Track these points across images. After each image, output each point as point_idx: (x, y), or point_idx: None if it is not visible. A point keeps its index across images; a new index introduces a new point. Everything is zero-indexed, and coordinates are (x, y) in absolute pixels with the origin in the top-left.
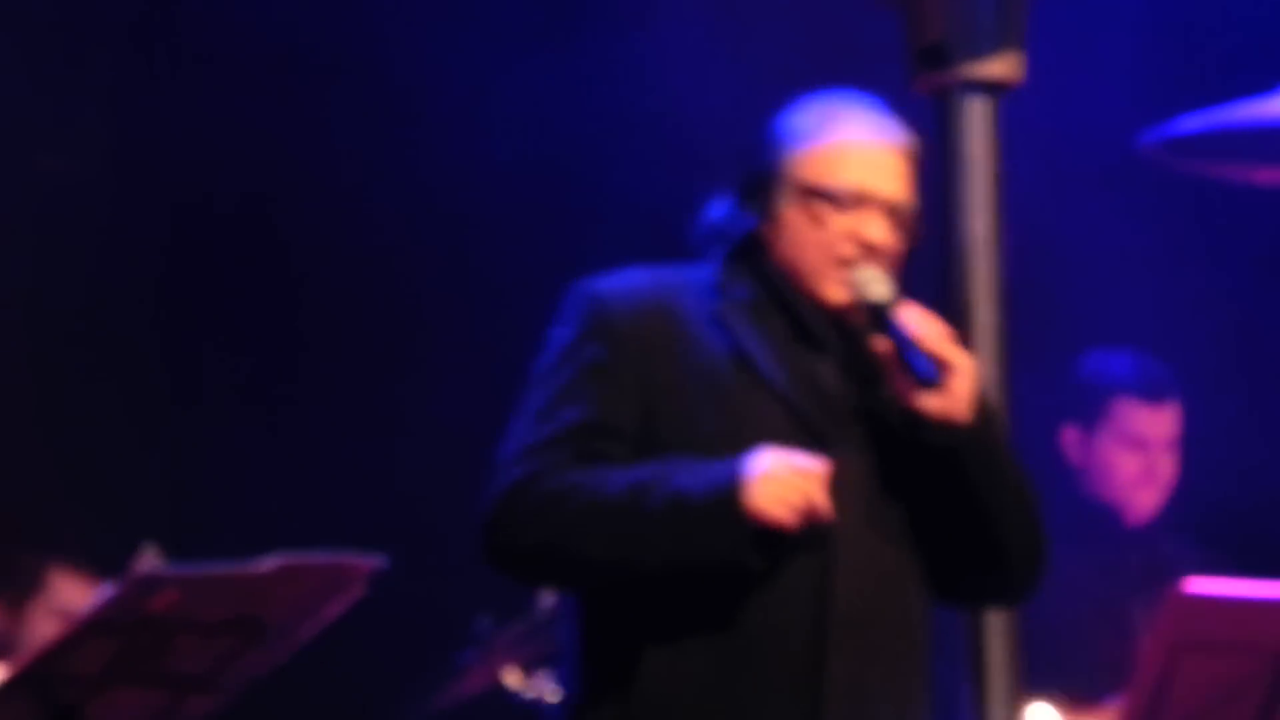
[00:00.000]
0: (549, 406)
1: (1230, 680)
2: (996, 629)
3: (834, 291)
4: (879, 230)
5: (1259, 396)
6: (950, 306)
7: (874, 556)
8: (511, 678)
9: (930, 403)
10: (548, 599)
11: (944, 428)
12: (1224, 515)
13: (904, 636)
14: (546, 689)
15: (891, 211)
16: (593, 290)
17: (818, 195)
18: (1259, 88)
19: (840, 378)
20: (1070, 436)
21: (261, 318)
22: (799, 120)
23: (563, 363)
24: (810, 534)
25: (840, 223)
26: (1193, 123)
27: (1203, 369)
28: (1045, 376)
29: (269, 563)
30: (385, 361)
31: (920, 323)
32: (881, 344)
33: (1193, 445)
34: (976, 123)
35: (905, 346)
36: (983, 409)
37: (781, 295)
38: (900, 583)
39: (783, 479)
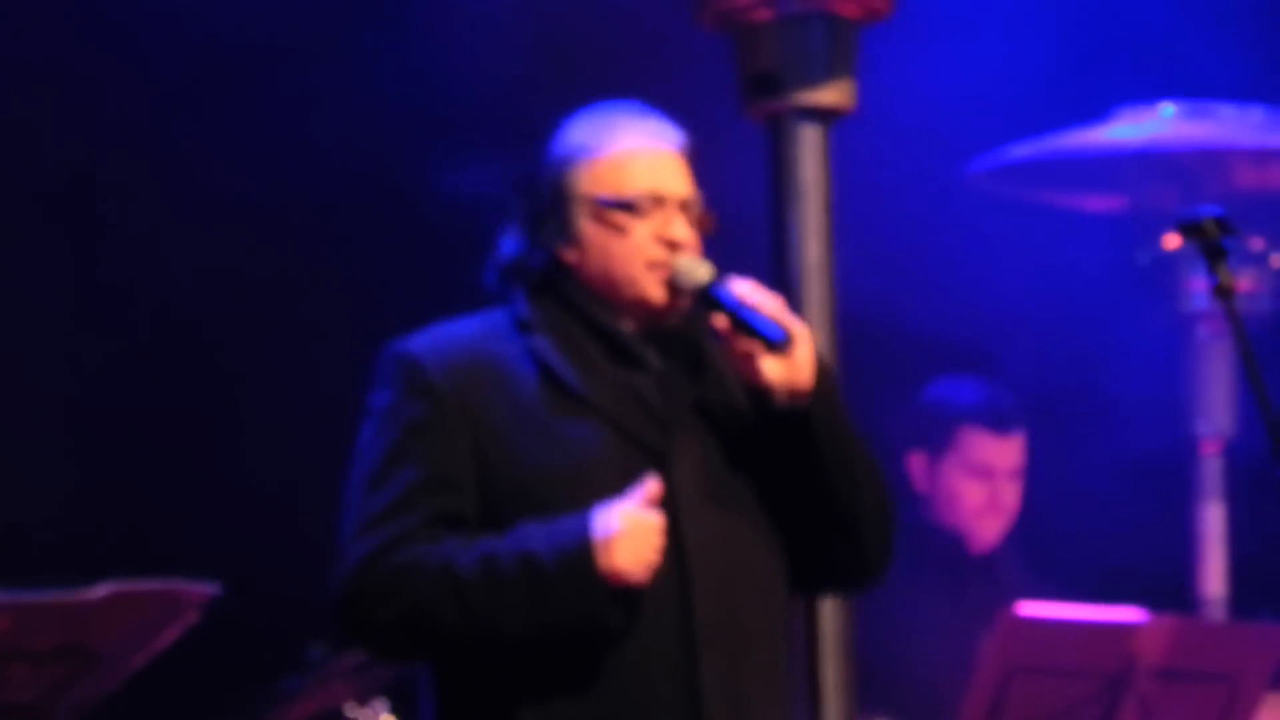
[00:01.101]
0: (382, 471)
1: (1062, 702)
2: (831, 653)
3: (654, 292)
4: (680, 227)
5: (1090, 422)
6: None
7: (730, 564)
8: (347, 705)
9: (774, 372)
10: None
11: (790, 395)
12: (1061, 542)
13: (769, 637)
14: (381, 717)
15: (685, 207)
16: (404, 350)
17: (615, 206)
18: (1087, 117)
19: (664, 389)
20: (916, 463)
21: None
22: (574, 137)
23: (386, 427)
24: (664, 570)
25: (643, 228)
26: (1021, 151)
27: (1036, 394)
28: (883, 402)
29: (100, 590)
30: (210, 378)
31: (753, 292)
32: (719, 320)
33: (1031, 472)
34: (809, 150)
35: (746, 314)
36: (824, 375)
37: (590, 317)
38: (759, 584)
39: (636, 535)
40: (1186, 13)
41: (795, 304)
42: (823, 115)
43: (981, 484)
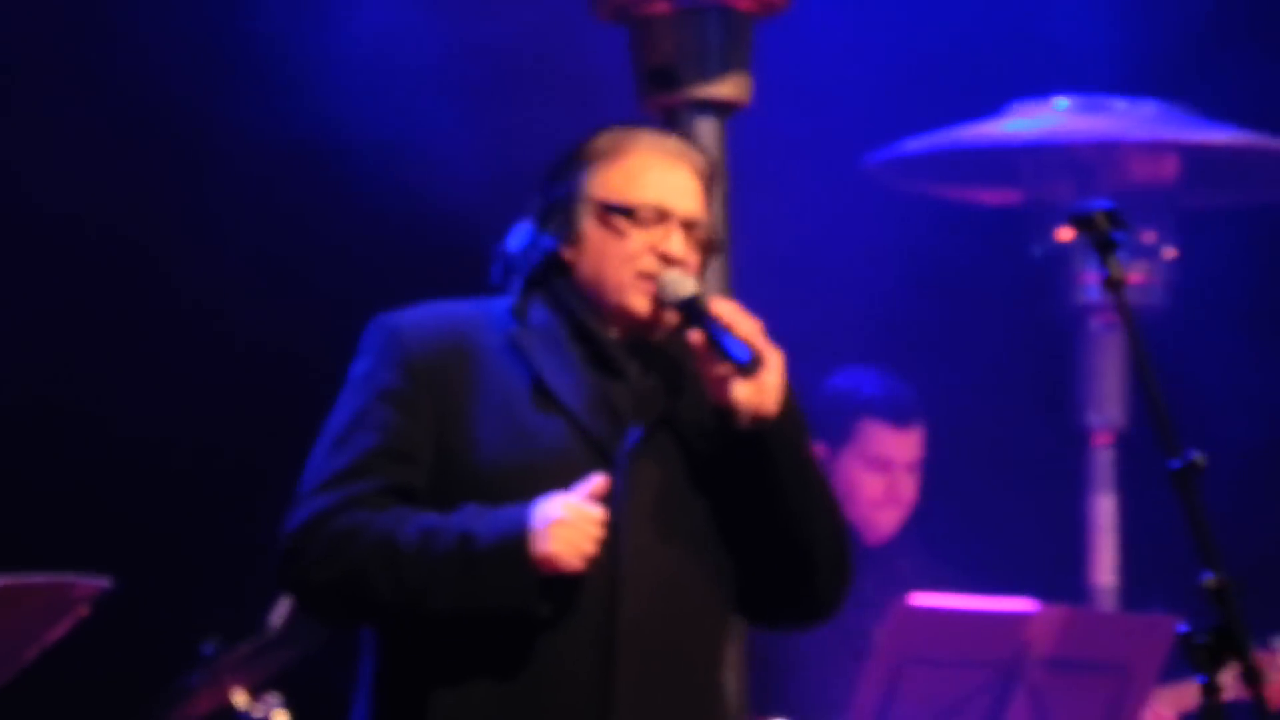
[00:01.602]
0: (346, 434)
1: (954, 692)
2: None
3: (638, 302)
4: (678, 244)
5: (983, 414)
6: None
7: (667, 577)
8: (239, 698)
9: (741, 394)
10: (276, 619)
11: (754, 419)
12: (955, 534)
13: (697, 656)
14: (274, 709)
15: (689, 227)
16: (390, 323)
17: (618, 211)
18: (982, 111)
19: (637, 400)
20: (816, 454)
21: None
22: (597, 143)
23: (359, 392)
24: (598, 568)
25: (641, 237)
26: (918, 144)
27: (931, 386)
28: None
29: None
30: (98, 363)
31: (732, 314)
32: (695, 336)
33: (927, 464)
34: (705, 142)
35: (720, 334)
36: (790, 405)
37: (577, 319)
38: (694, 602)
39: (573, 524)
40: (1080, 7)
41: None
42: (719, 108)
43: (880, 476)
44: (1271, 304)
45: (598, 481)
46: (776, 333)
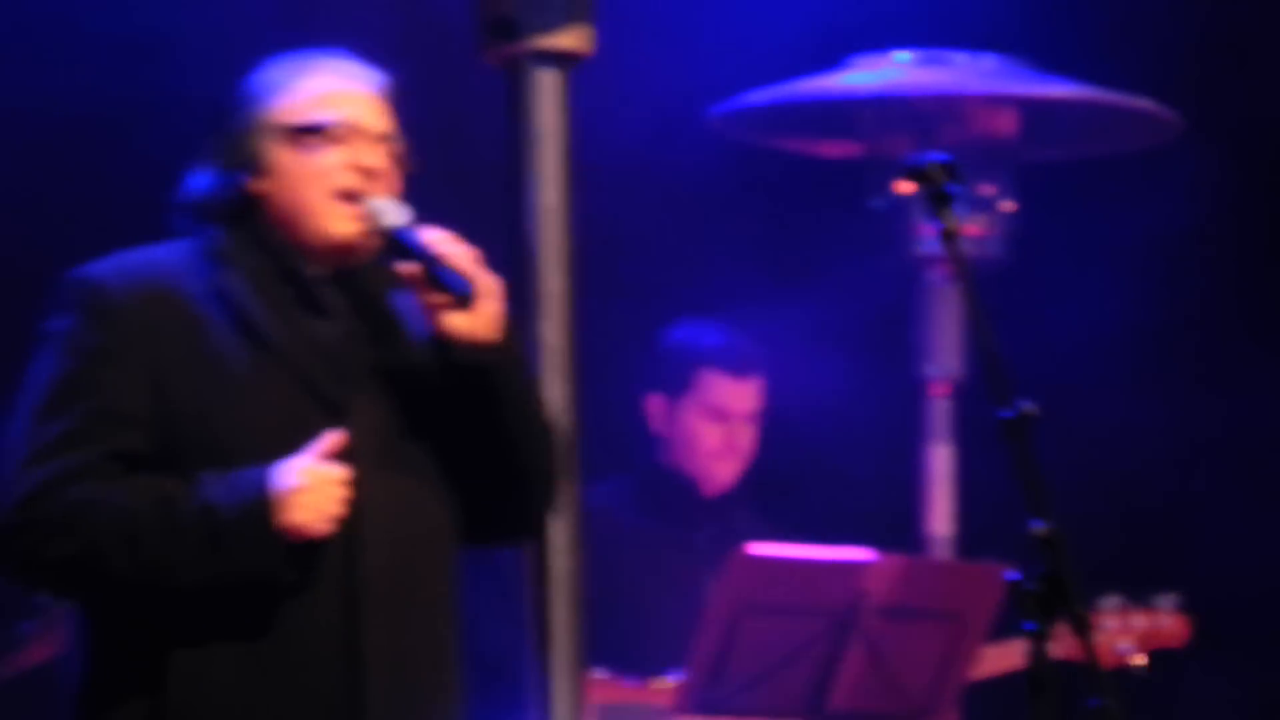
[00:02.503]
0: (56, 401)
1: (791, 641)
2: (561, 595)
3: (341, 226)
4: (375, 157)
5: (821, 364)
6: (521, 275)
7: (402, 522)
8: None
9: (459, 322)
10: None
11: (474, 347)
12: (793, 485)
13: (438, 596)
14: None
15: (382, 141)
16: (86, 277)
17: (309, 130)
18: (823, 63)
19: (349, 339)
20: (654, 405)
21: None
22: (275, 74)
23: (63, 354)
24: (340, 528)
25: (335, 153)
26: (760, 96)
27: (771, 336)
28: (619, 345)
29: None
30: None
31: (445, 242)
32: (408, 268)
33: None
34: (547, 94)
35: (434, 265)
36: (508, 330)
37: (280, 259)
38: (431, 542)
39: (315, 489)
40: None
41: (532, 248)
42: (560, 60)
43: (718, 426)
44: (1109, 257)
45: (330, 439)
46: (619, 283)
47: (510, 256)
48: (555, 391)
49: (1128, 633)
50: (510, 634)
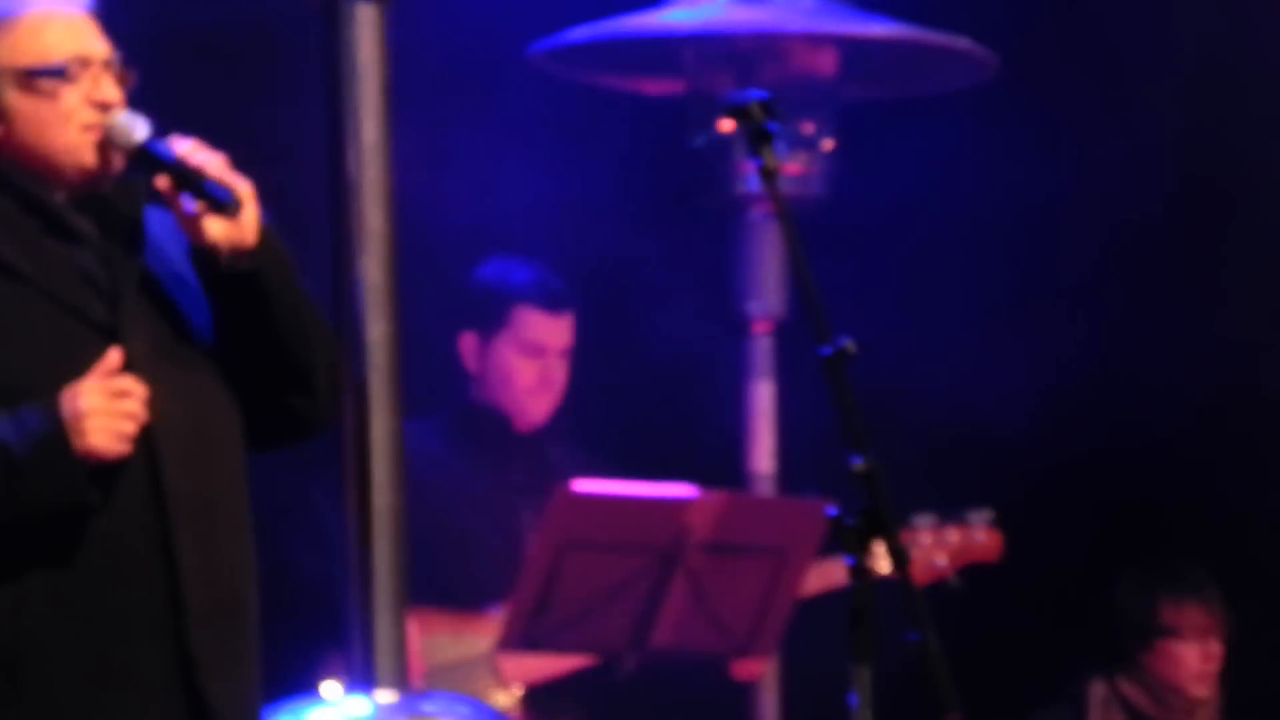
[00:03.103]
0: None
1: (615, 577)
2: (383, 530)
3: (90, 157)
4: (110, 88)
5: (644, 302)
6: (340, 211)
7: (194, 433)
8: None
9: (218, 231)
10: None
11: (236, 254)
12: (612, 422)
13: (237, 503)
14: None
15: (108, 66)
16: None
17: (45, 74)
18: (646, 1)
19: (106, 261)
20: (468, 343)
21: None
22: None
23: None
24: (137, 445)
25: (73, 92)
26: (581, 33)
27: (590, 274)
28: (439, 282)
29: None
30: None
31: (195, 152)
32: (161, 181)
33: (588, 354)
34: (365, 29)
35: (191, 176)
36: (268, 234)
37: (20, 191)
38: (223, 450)
39: (107, 409)
40: None
41: (353, 184)
42: None
43: (533, 362)
44: (928, 195)
45: (109, 358)
46: (435, 221)
47: (331, 193)
48: (377, 329)
49: (942, 548)
50: (329, 565)
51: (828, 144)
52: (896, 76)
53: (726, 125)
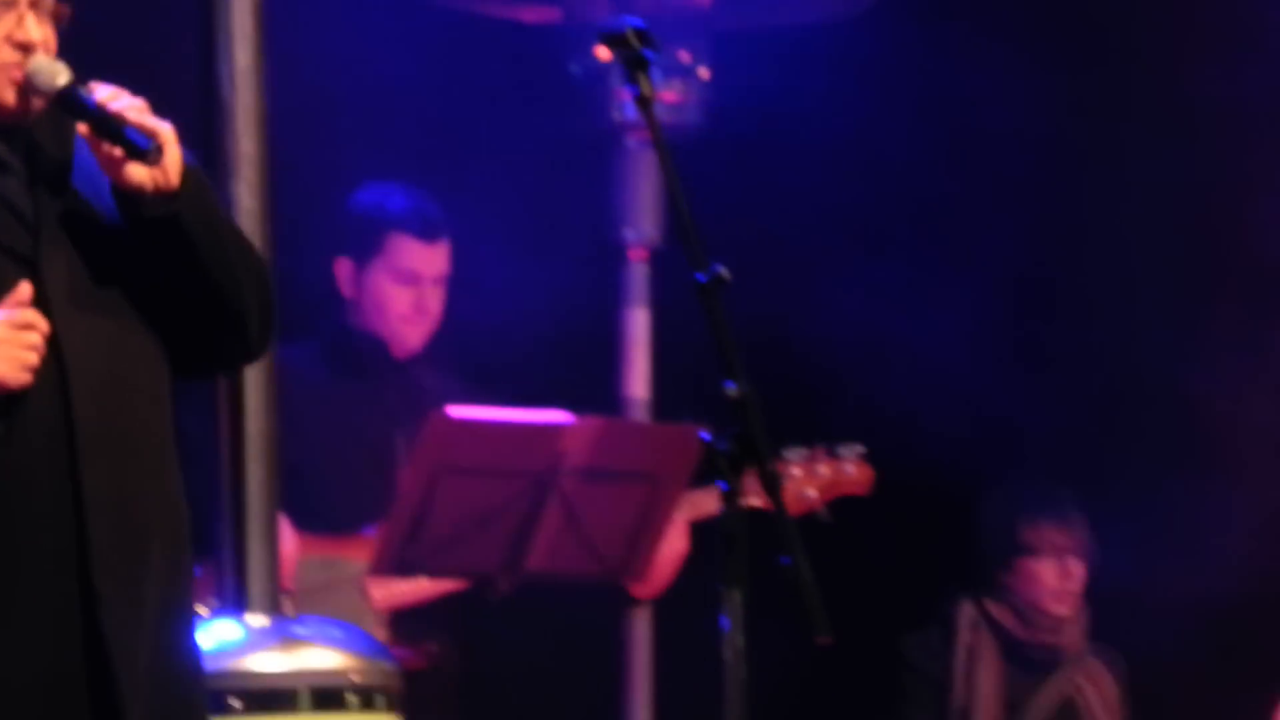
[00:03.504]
0: None
1: (489, 502)
2: (255, 453)
3: (10, 97)
4: (33, 27)
5: (520, 228)
6: (212, 136)
7: (110, 366)
8: None
9: (140, 175)
10: None
11: (159, 198)
12: (487, 348)
13: (155, 437)
14: None
15: (35, 6)
16: None
17: None
18: None
19: (28, 189)
20: (343, 269)
21: None
22: None
23: None
24: (42, 374)
25: None
26: None
27: (473, 208)
28: (315, 209)
29: None
30: None
31: (115, 97)
32: (82, 127)
33: (464, 282)
34: None
35: (109, 122)
36: (190, 173)
37: None
38: (141, 385)
39: (9, 339)
40: None
41: (226, 109)
42: None
43: (408, 289)
44: (800, 124)
45: (19, 290)
46: (310, 145)
47: (204, 118)
48: None
49: (813, 480)
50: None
51: (704, 72)
52: (772, 6)
53: (603, 53)
